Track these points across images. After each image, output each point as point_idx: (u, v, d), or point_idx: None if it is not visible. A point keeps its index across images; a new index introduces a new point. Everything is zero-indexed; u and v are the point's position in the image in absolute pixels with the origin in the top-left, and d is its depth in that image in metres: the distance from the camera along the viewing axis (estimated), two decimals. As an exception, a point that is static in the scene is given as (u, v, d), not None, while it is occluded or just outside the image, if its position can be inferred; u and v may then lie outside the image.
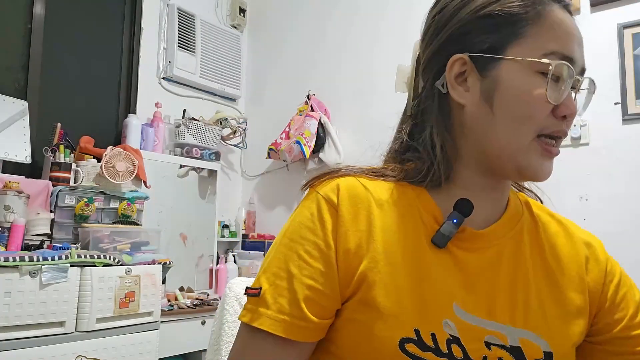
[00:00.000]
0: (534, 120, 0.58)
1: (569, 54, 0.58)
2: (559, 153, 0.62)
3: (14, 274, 1.53)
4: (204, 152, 2.74)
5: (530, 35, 0.58)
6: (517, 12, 0.58)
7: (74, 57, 2.44)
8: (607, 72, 1.98)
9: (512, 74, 0.58)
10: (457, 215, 0.59)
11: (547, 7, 0.58)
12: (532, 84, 0.57)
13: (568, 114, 0.59)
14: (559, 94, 0.57)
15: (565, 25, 0.59)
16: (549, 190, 2.41)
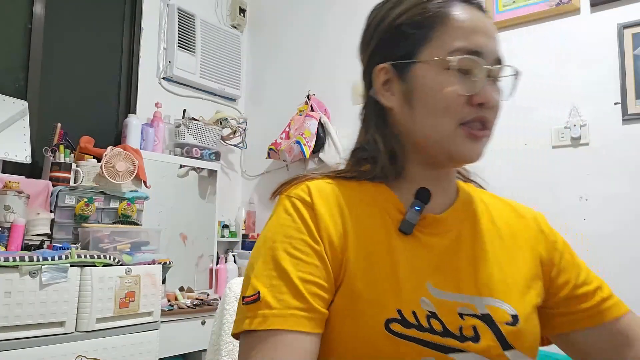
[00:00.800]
0: (451, 111, 0.63)
1: (474, 47, 0.64)
2: (490, 136, 0.68)
3: (14, 274, 1.53)
4: (204, 152, 2.74)
5: (436, 37, 0.65)
6: (423, 19, 0.65)
7: (74, 57, 2.44)
8: (607, 72, 1.98)
9: (424, 74, 0.65)
10: (419, 203, 0.66)
11: (452, 8, 0.65)
12: (443, 80, 0.63)
13: (483, 101, 0.64)
14: (471, 85, 0.63)
15: (470, 21, 0.65)
16: (549, 190, 2.42)
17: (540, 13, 2.14)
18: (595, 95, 2.00)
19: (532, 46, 2.17)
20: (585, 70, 2.03)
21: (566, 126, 2.04)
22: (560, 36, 2.10)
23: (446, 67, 0.63)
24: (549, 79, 2.11)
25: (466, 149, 0.65)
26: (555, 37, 2.12)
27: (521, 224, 0.76)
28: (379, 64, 0.69)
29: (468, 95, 0.63)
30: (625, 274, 1.86)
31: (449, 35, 0.64)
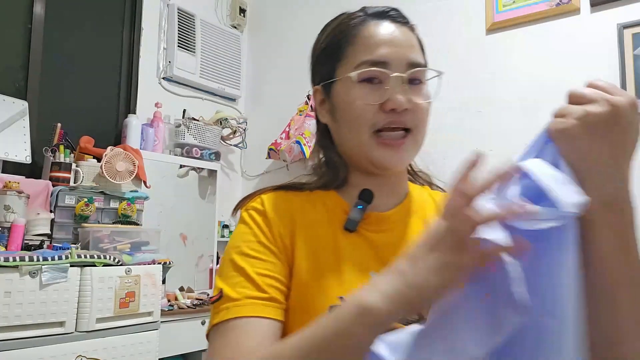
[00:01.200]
0: (363, 120, 0.69)
1: (377, 58, 0.69)
2: (416, 140, 0.72)
3: (14, 274, 1.53)
4: (204, 152, 2.74)
5: (347, 55, 0.72)
6: (338, 40, 0.74)
7: (74, 57, 2.44)
8: (607, 72, 1.98)
9: (340, 90, 0.73)
10: (361, 202, 0.72)
11: (362, 26, 0.72)
12: (354, 93, 0.70)
13: (393, 107, 0.68)
14: (380, 94, 0.68)
15: (376, 34, 0.71)
16: (549, 190, 2.36)
17: (540, 13, 2.14)
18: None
19: (532, 46, 2.17)
20: (585, 70, 2.03)
21: (566, 126, 2.04)
22: (560, 36, 2.10)
23: (355, 80, 0.69)
24: (549, 79, 2.11)
25: (382, 156, 0.70)
26: (555, 37, 2.12)
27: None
28: (315, 86, 0.78)
29: (380, 103, 0.68)
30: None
31: (355, 52, 0.71)
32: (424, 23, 2.83)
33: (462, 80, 2.34)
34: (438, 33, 2.43)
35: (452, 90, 2.42)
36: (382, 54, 0.69)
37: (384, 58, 0.69)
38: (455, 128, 2.32)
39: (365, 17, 0.74)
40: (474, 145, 2.26)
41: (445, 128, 2.35)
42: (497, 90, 2.23)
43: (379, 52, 0.69)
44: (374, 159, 0.71)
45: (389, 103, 0.68)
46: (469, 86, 2.31)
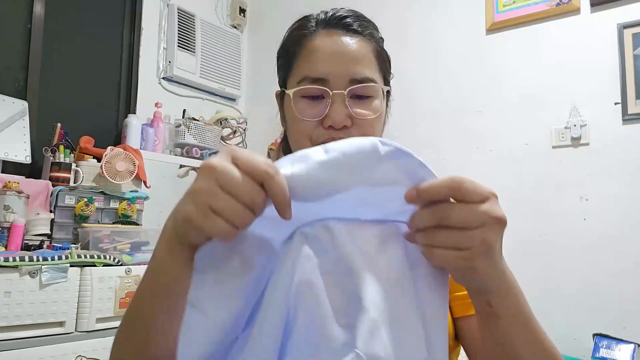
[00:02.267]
0: (304, 135, 0.70)
1: (317, 75, 0.69)
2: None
3: (14, 274, 1.53)
4: (204, 152, 2.74)
5: (294, 68, 0.73)
6: (288, 49, 0.74)
7: (74, 57, 2.44)
8: (607, 72, 1.98)
9: (287, 102, 0.73)
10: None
11: (310, 37, 0.72)
12: (297, 108, 0.70)
13: (331, 124, 0.68)
14: (319, 110, 0.69)
15: (320, 49, 0.70)
16: (549, 190, 2.41)
17: (540, 13, 2.14)
18: (595, 95, 2.00)
19: (532, 46, 2.17)
20: (585, 70, 2.03)
21: (566, 126, 2.04)
22: (560, 36, 2.10)
23: (298, 95, 0.70)
24: (549, 79, 2.11)
25: None
26: (555, 37, 2.12)
27: None
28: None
29: (319, 119, 0.69)
30: (626, 274, 1.86)
31: (299, 66, 0.72)
32: (424, 23, 2.83)
33: (462, 80, 2.34)
34: (438, 33, 2.43)
35: (452, 90, 2.43)
36: (322, 71, 0.69)
37: (324, 75, 0.69)
38: (455, 128, 2.33)
39: (316, 27, 0.73)
40: (474, 145, 2.27)
41: (445, 128, 2.35)
42: (497, 90, 2.23)
43: (319, 68, 0.69)
44: None
45: (327, 120, 0.68)
46: (469, 86, 2.31)
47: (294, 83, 0.72)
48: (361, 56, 0.71)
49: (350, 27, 0.72)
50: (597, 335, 1.81)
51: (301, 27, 0.75)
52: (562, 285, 1.97)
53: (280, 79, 0.78)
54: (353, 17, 0.73)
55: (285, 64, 0.75)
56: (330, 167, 0.45)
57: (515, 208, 2.11)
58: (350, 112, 0.68)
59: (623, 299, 1.85)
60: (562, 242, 2.00)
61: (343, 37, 0.71)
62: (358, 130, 0.69)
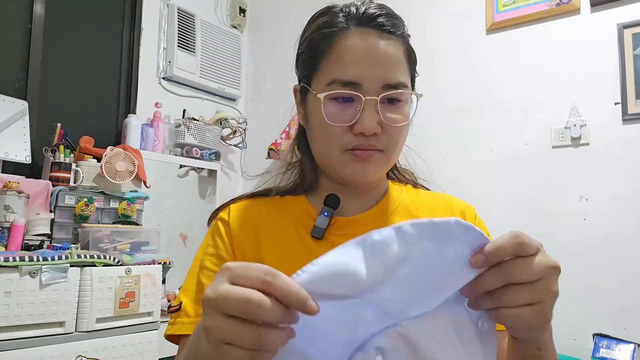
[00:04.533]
0: (333, 141, 0.67)
1: (349, 79, 0.65)
2: (387, 155, 0.69)
3: (14, 274, 1.53)
4: (204, 152, 2.74)
5: (323, 67, 0.68)
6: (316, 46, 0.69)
7: (74, 57, 2.44)
8: (607, 72, 1.98)
9: (313, 103, 0.69)
10: (327, 209, 0.71)
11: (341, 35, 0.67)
12: (325, 111, 0.66)
13: (361, 131, 0.65)
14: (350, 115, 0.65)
15: (352, 49, 0.66)
16: (549, 190, 2.41)
17: (540, 13, 2.14)
18: (595, 95, 2.00)
19: (532, 46, 2.17)
20: (585, 70, 2.03)
21: (566, 126, 2.04)
22: (560, 36, 2.10)
23: (327, 97, 0.66)
24: (549, 79, 2.11)
25: (352, 171, 0.68)
26: (555, 37, 2.12)
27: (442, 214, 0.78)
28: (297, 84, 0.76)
29: (349, 125, 0.65)
30: (626, 274, 1.86)
31: (329, 66, 0.67)
32: (424, 23, 2.84)
33: (462, 81, 2.34)
34: (438, 33, 2.43)
35: (452, 90, 2.43)
36: (355, 74, 0.65)
37: (357, 79, 0.65)
38: (455, 128, 2.33)
39: (348, 23, 0.67)
40: (474, 145, 2.27)
41: (445, 128, 2.35)
42: (497, 90, 2.23)
43: (352, 71, 0.65)
44: (342, 175, 0.69)
45: (358, 126, 0.65)
46: (469, 86, 2.31)
47: (322, 84, 0.67)
48: (395, 60, 0.67)
49: (383, 27, 0.67)
50: (597, 335, 1.81)
51: (330, 23, 0.68)
52: (562, 285, 1.96)
53: (302, 75, 0.74)
54: (386, 16, 0.68)
55: (311, 61, 0.70)
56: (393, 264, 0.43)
57: (515, 208, 2.11)
58: (381, 118, 0.65)
59: (623, 299, 1.85)
60: (562, 242, 2.00)
61: (377, 39, 0.66)
62: (387, 137, 0.67)
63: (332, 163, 0.69)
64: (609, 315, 1.86)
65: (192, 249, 2.67)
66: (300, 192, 0.77)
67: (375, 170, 0.69)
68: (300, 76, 0.74)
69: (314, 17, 0.73)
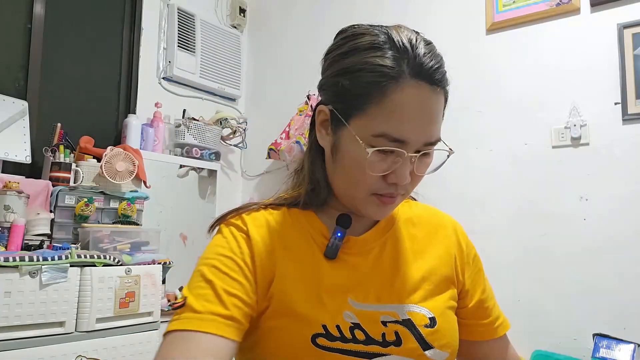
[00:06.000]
0: (364, 185, 0.68)
1: (399, 137, 0.64)
2: (396, 202, 0.71)
3: (14, 274, 1.53)
4: (204, 152, 2.74)
5: (370, 113, 0.64)
6: (364, 86, 0.64)
7: (74, 56, 2.44)
8: (607, 72, 1.98)
9: (349, 142, 0.67)
10: (340, 229, 0.73)
11: (395, 83, 0.63)
12: (364, 157, 0.64)
13: (395, 182, 0.67)
14: (388, 166, 0.66)
15: (407, 105, 0.63)
16: (549, 190, 2.41)
17: (540, 13, 2.14)
18: (595, 95, 2.00)
19: (532, 46, 2.17)
20: (585, 71, 2.03)
21: (566, 126, 2.04)
22: (560, 36, 2.10)
23: (369, 144, 0.64)
24: (549, 79, 2.11)
25: (373, 212, 0.71)
26: (555, 37, 2.12)
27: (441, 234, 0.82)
28: (322, 104, 0.72)
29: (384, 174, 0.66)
30: (626, 274, 1.86)
31: (379, 115, 0.64)
32: (424, 23, 2.84)
33: (462, 80, 2.34)
34: (438, 33, 2.43)
35: (452, 90, 2.42)
36: (405, 134, 0.64)
37: (405, 137, 0.64)
38: (455, 128, 2.32)
39: (402, 71, 0.63)
40: (474, 145, 2.27)
41: (445, 128, 2.35)
42: (497, 90, 2.23)
43: (403, 129, 0.64)
44: (364, 212, 0.72)
45: (393, 177, 0.66)
46: (469, 86, 2.31)
47: (367, 133, 0.64)
48: (438, 114, 0.68)
49: (436, 82, 0.66)
50: (597, 335, 1.81)
51: (383, 68, 0.63)
52: (562, 285, 1.97)
53: (338, 104, 0.69)
54: (439, 67, 0.66)
55: (356, 99, 0.65)
56: None
57: (515, 208, 2.11)
58: (413, 169, 0.67)
59: (623, 299, 1.85)
60: (562, 242, 2.00)
61: (429, 94, 0.65)
62: (412, 184, 0.70)
63: (355, 200, 0.71)
64: (609, 315, 1.86)
65: (192, 249, 2.67)
66: (312, 207, 0.77)
67: (393, 209, 0.73)
68: (335, 104, 0.69)
69: (359, 44, 0.67)
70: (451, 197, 2.16)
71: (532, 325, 1.99)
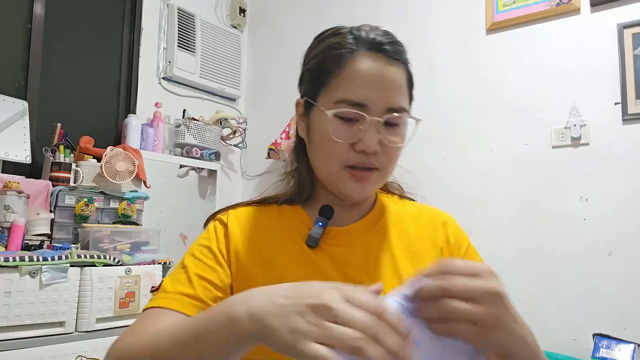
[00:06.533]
0: (334, 156, 0.71)
1: (358, 100, 0.69)
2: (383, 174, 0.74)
3: (14, 274, 1.53)
4: (204, 152, 2.74)
5: (332, 85, 0.71)
6: (326, 65, 0.72)
7: (74, 57, 2.44)
8: (607, 72, 1.98)
9: (317, 118, 0.73)
10: (321, 219, 0.75)
11: (352, 57, 0.71)
12: (330, 127, 0.70)
13: (363, 149, 0.69)
14: (354, 133, 0.69)
15: (361, 72, 0.70)
16: (549, 190, 2.41)
17: (540, 13, 2.14)
18: (595, 95, 2.00)
19: (532, 46, 2.17)
20: (585, 70, 2.03)
21: (566, 126, 2.04)
22: (560, 36, 2.10)
23: (333, 115, 0.70)
24: (549, 79, 2.11)
25: (350, 188, 0.73)
26: (556, 37, 2.12)
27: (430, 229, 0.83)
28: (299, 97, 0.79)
29: (352, 142, 0.70)
30: (626, 274, 1.86)
31: (338, 85, 0.70)
32: (424, 23, 2.83)
33: (462, 80, 2.34)
34: (438, 33, 2.43)
35: (452, 90, 2.43)
36: (363, 96, 0.69)
37: (364, 101, 0.69)
38: (455, 128, 2.33)
39: (357, 46, 0.71)
40: (474, 145, 2.27)
41: (445, 128, 2.35)
42: (497, 90, 2.23)
43: (360, 93, 0.69)
44: (341, 189, 0.74)
45: (360, 144, 0.69)
46: (469, 86, 2.31)
47: (330, 102, 0.71)
48: (398, 85, 0.72)
49: (390, 53, 0.72)
50: (597, 335, 1.81)
51: (340, 44, 0.72)
52: (562, 285, 1.97)
53: (307, 90, 0.76)
54: (393, 44, 0.73)
55: (319, 78, 0.73)
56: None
57: (515, 208, 2.11)
58: (382, 139, 0.70)
59: (623, 299, 1.85)
60: (562, 242, 2.00)
61: (384, 63, 0.71)
62: (385, 156, 0.72)
63: (332, 177, 0.74)
64: (609, 315, 1.86)
65: (192, 249, 2.67)
66: (297, 202, 0.81)
67: (371, 188, 0.76)
68: (305, 91, 0.77)
69: (323, 36, 0.76)
70: (451, 197, 2.16)
71: (532, 325, 1.98)
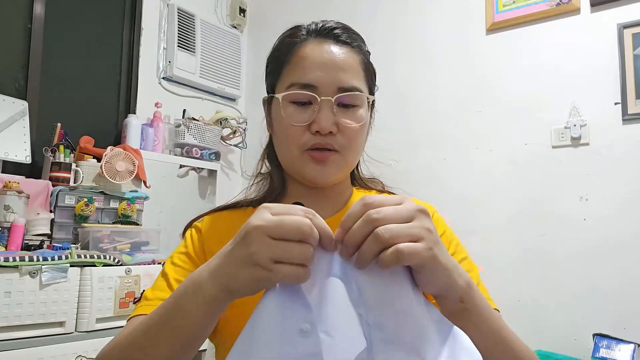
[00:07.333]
0: (291, 140, 0.72)
1: (306, 81, 0.71)
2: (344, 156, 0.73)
3: (14, 274, 1.53)
4: (203, 152, 2.74)
5: (284, 74, 0.74)
6: (279, 57, 0.76)
7: (74, 57, 2.44)
8: (607, 72, 1.98)
9: (275, 107, 0.76)
10: None
11: (300, 45, 0.74)
12: (285, 112, 0.72)
13: (317, 129, 0.70)
14: (308, 115, 0.71)
15: (310, 56, 0.72)
16: (549, 190, 2.42)
17: (540, 13, 2.14)
18: (595, 95, 2.00)
19: (532, 46, 2.17)
20: (585, 70, 2.03)
21: (566, 126, 2.04)
22: (560, 36, 2.10)
23: (286, 100, 0.72)
24: (549, 79, 2.11)
25: (311, 171, 0.73)
26: (556, 37, 2.12)
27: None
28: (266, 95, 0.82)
29: (307, 124, 0.71)
30: (626, 274, 1.86)
31: (289, 72, 0.73)
32: (423, 23, 2.83)
33: (463, 80, 2.34)
34: (438, 33, 2.43)
35: (452, 90, 2.43)
36: (312, 78, 0.71)
37: (313, 82, 0.71)
38: (455, 128, 2.33)
39: (308, 35, 0.75)
40: (474, 145, 2.27)
41: (445, 128, 2.35)
42: (497, 90, 2.23)
43: (309, 75, 0.71)
44: (303, 174, 0.74)
45: (314, 125, 0.71)
46: (469, 86, 2.31)
47: (283, 89, 0.73)
48: (349, 66, 0.73)
49: (339, 38, 0.74)
50: (597, 335, 1.81)
51: (292, 36, 0.76)
52: (562, 285, 1.97)
53: (268, 85, 0.80)
54: (342, 29, 0.75)
55: (275, 70, 0.77)
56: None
57: (515, 208, 2.11)
58: (337, 119, 0.71)
59: (623, 299, 1.85)
60: (562, 242, 2.00)
61: (333, 47, 0.73)
62: (343, 137, 0.72)
63: (294, 163, 0.74)
64: (609, 315, 1.86)
65: (192, 249, 2.67)
66: (269, 200, 0.81)
67: (333, 171, 0.74)
68: (267, 87, 0.80)
69: (281, 35, 0.79)
70: (451, 197, 2.16)
71: (532, 325, 1.99)
